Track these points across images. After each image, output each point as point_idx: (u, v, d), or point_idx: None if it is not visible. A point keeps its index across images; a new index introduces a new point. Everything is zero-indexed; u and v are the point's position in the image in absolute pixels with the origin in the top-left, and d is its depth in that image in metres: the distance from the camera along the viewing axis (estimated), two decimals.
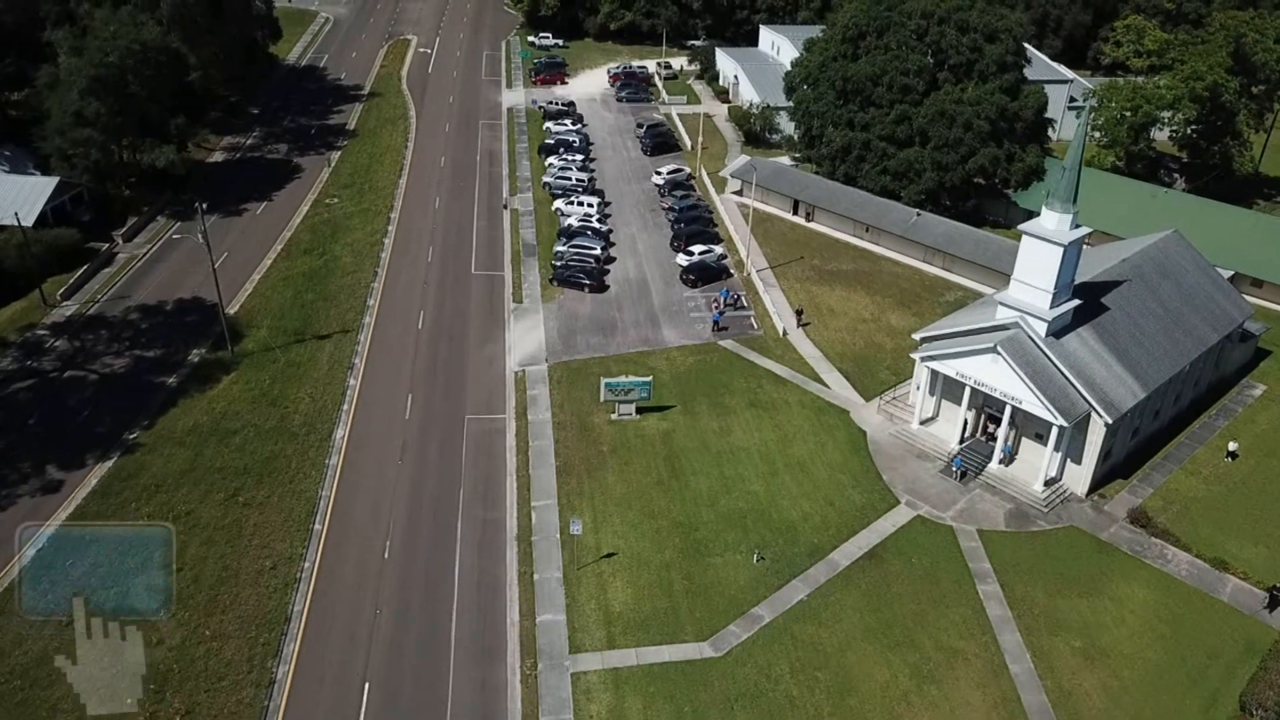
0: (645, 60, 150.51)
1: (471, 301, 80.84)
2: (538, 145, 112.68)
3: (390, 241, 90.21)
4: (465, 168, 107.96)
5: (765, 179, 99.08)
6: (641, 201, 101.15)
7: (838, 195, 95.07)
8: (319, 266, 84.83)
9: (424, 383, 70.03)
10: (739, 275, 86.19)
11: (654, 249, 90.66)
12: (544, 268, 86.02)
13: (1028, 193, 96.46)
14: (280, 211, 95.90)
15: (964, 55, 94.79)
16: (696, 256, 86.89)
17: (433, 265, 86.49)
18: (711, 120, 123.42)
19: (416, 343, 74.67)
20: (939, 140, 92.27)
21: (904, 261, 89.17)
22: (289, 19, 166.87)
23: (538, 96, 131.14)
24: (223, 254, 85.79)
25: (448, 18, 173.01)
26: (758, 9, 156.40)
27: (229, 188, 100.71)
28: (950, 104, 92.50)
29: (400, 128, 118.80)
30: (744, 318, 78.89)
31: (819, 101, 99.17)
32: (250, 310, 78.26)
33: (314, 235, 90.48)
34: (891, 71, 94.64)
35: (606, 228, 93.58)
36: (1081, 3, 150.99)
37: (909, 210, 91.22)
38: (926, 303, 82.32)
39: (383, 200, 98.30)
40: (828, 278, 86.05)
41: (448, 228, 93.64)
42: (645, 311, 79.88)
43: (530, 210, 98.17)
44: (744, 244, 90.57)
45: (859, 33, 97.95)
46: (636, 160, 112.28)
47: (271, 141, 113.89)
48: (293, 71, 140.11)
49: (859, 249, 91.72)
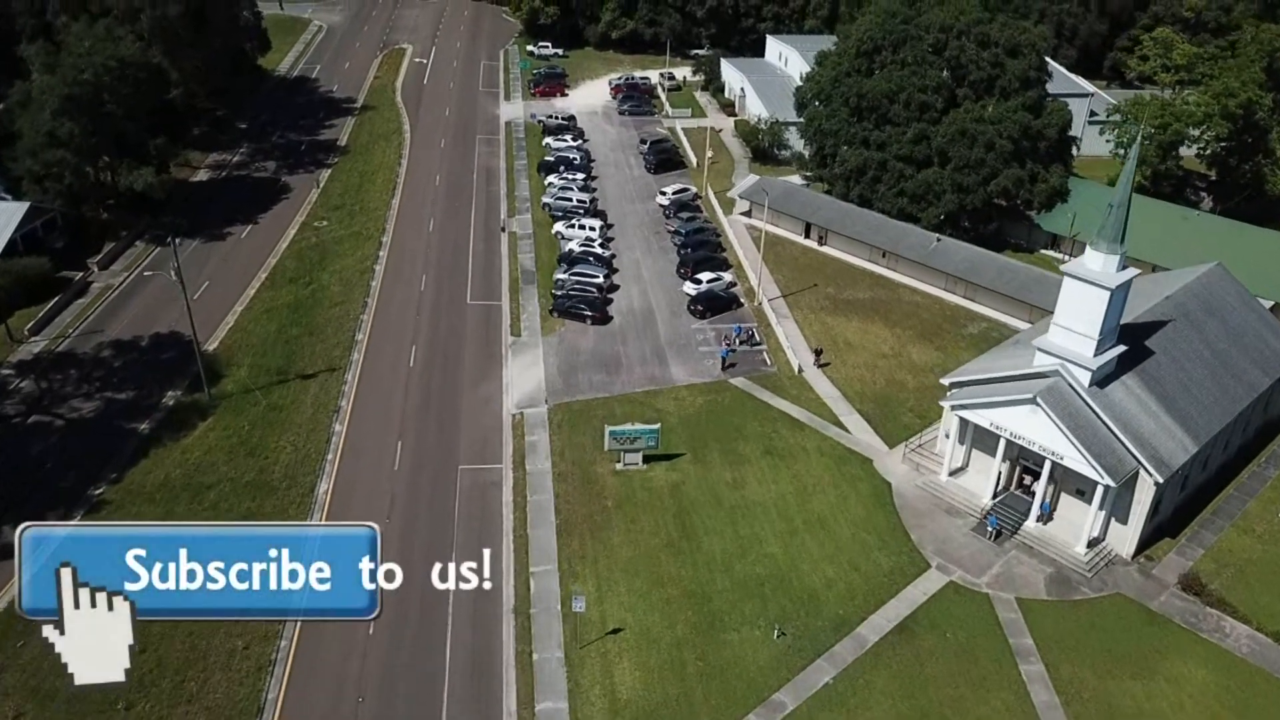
0: (648, 70, 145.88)
1: (467, 335, 76.12)
2: (537, 162, 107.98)
3: (381, 268, 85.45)
4: (461, 186, 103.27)
5: (776, 200, 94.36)
6: (645, 223, 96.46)
7: (853, 218, 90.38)
8: (305, 297, 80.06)
9: (415, 428, 65.27)
10: (749, 304, 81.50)
11: (659, 275, 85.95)
12: (544, 297, 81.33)
13: (1051, 215, 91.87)
14: (266, 235, 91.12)
15: (985, 71, 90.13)
16: (704, 285, 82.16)
17: (426, 294, 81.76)
18: (718, 135, 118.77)
19: (407, 382, 69.96)
20: (959, 161, 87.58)
21: (923, 289, 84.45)
22: (280, 27, 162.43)
23: (537, 109, 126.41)
24: (203, 284, 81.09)
25: (444, 25, 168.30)
26: (763, 17, 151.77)
27: (212, 210, 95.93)
28: (971, 122, 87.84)
29: (394, 143, 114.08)
30: (756, 353, 74.19)
31: (832, 119, 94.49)
32: (230, 346, 73.46)
33: (300, 262, 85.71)
34: (909, 88, 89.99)
35: (609, 252, 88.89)
36: (1098, 11, 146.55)
37: (928, 235, 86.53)
38: (949, 335, 77.63)
39: (374, 223, 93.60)
40: (844, 307, 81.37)
41: (442, 252, 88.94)
42: (651, 345, 75.18)
43: (529, 233, 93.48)
44: (755, 271, 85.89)
45: (874, 47, 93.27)
46: (640, 178, 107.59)
47: (259, 159, 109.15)
48: (283, 83, 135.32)
49: (876, 275, 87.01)
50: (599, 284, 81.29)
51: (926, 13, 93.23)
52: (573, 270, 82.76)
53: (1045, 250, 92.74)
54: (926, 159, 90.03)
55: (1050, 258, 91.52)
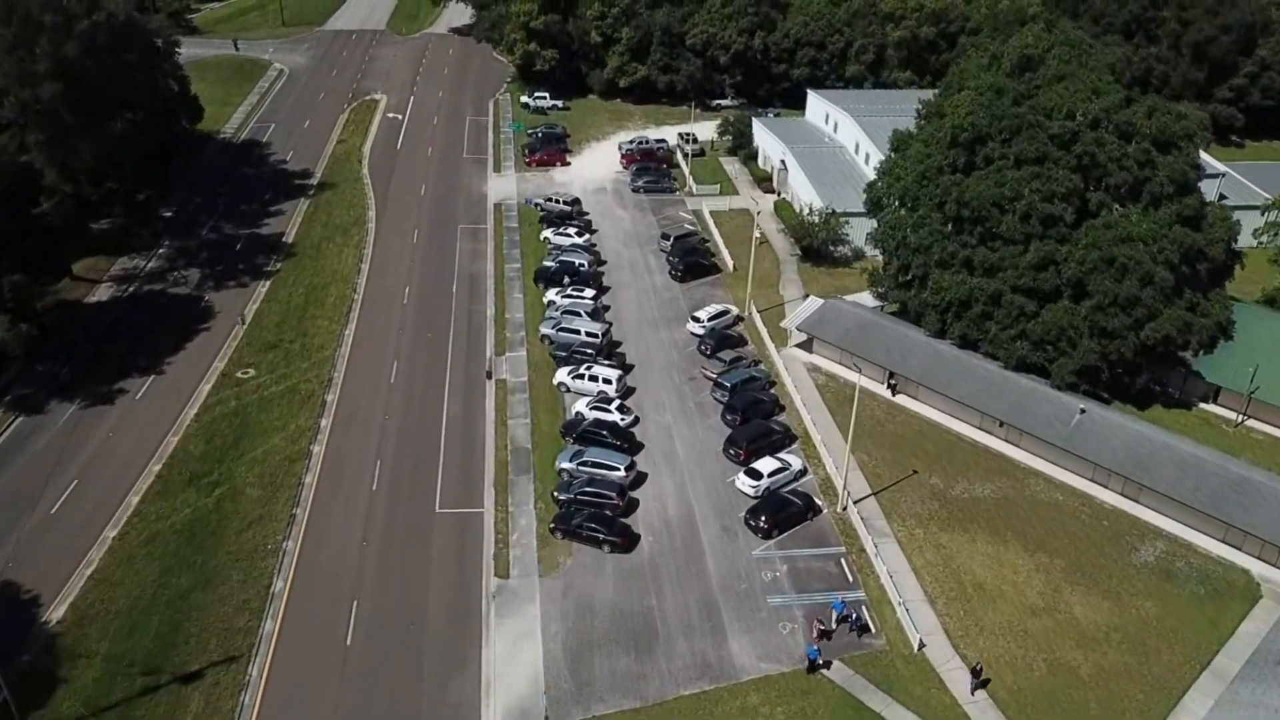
0: (663, 126, 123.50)
1: (432, 575, 53.24)
2: (534, 269, 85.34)
3: (320, 451, 62.53)
4: (437, 306, 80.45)
5: (847, 338, 71.84)
6: (674, 362, 73.72)
7: (955, 371, 67.67)
8: (206, 511, 56.92)
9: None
10: (830, 511, 58.83)
11: (700, 455, 63.24)
12: (543, 500, 58.60)
13: (1214, 359, 69.28)
14: (171, 393, 68.02)
15: (1130, 172, 67.68)
16: (766, 478, 59.46)
17: (378, 499, 58.90)
18: (754, 216, 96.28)
19: (340, 682, 47.08)
20: (1103, 297, 64.92)
21: (1063, 480, 61.73)
22: (235, 72, 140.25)
23: (533, 185, 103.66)
24: (66, 488, 58.21)
25: (425, 68, 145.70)
26: (797, 63, 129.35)
27: (109, 348, 72.97)
28: (1116, 243, 65.26)
29: (353, 239, 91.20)
30: (858, 614, 51.45)
31: (920, 230, 71.83)
32: (83, 618, 49.68)
33: (209, 444, 62.58)
34: (1029, 194, 67.47)
35: (631, 415, 66.20)
36: (1191, 55, 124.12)
37: (1066, 402, 63.80)
38: (1115, 567, 54.95)
39: (317, 370, 70.63)
40: (960, 514, 58.65)
41: (406, 421, 66.07)
42: (698, 594, 52.38)
43: (523, 381, 70.72)
44: (825, 443, 63.25)
45: (976, 136, 70.73)
46: (663, 288, 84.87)
47: (181, 264, 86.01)
48: (227, 150, 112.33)
49: (992, 454, 64.32)
50: (620, 482, 58.52)
51: (1044, 90, 70.72)
52: (583, 458, 59.99)
53: (1206, 404, 70.24)
54: (1054, 290, 67.39)
55: (1216, 418, 69.05)
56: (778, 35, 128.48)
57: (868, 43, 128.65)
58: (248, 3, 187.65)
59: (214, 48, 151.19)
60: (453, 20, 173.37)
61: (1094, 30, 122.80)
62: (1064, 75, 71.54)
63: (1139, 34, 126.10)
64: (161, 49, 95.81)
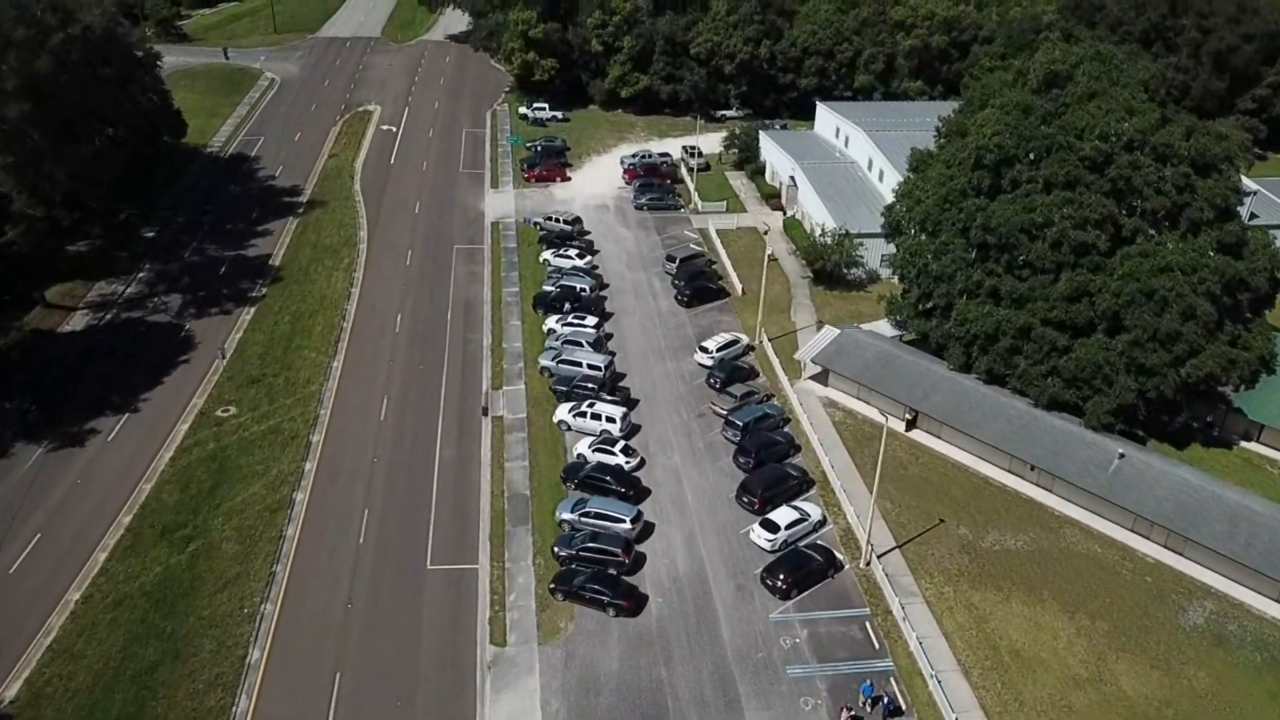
0: (666, 139, 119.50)
1: (422, 646, 48.86)
2: (533, 293, 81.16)
3: (303, 499, 58.30)
4: (430, 335, 76.22)
5: (866, 372, 67.68)
6: (681, 396, 69.56)
7: (982, 410, 63.44)
8: (178, 569, 52.58)
9: None
10: (852, 565, 54.62)
11: (711, 502, 59.01)
12: (542, 554, 54.38)
13: (1255, 394, 65.23)
14: (146, 434, 63.75)
15: (1168, 197, 63.57)
16: (783, 530, 55.27)
17: (365, 553, 54.60)
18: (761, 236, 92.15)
19: None
20: (1141, 332, 60.76)
21: (1099, 529, 57.56)
22: (224, 81, 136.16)
23: (532, 202, 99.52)
24: (29, 542, 53.98)
25: (421, 77, 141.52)
26: (804, 73, 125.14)
27: (82, 382, 68.73)
28: (1154, 274, 61.10)
29: (344, 262, 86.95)
30: (889, 697, 47.23)
31: (943, 257, 67.66)
32: (39, 696, 45.00)
33: (185, 492, 58.23)
34: (1060, 221, 63.30)
35: (637, 459, 62.02)
36: (1211, 65, 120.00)
37: (1103, 445, 59.58)
38: (1164, 630, 50.71)
39: (302, 408, 66.35)
40: (992, 570, 54.42)
41: (396, 465, 61.79)
42: (711, 664, 48.11)
43: (521, 419, 66.49)
44: (850, 496, 59.06)
45: (1002, 158, 66.57)
46: (669, 313, 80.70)
47: (162, 289, 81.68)
48: (214, 165, 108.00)
49: (1021, 499, 60.15)
50: (625, 536, 54.33)
51: (1074, 109, 66.53)
52: (585, 508, 55.75)
53: (1248, 443, 66.06)
54: (1088, 323, 63.23)
55: (1259, 458, 64.90)
56: (784, 44, 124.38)
57: (877, 52, 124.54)
58: (239, 9, 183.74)
59: (203, 56, 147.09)
60: (449, 27, 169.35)
61: (1111, 39, 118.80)
62: (1095, 93, 67.31)
63: (1157, 43, 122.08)
64: (142, 61, 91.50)
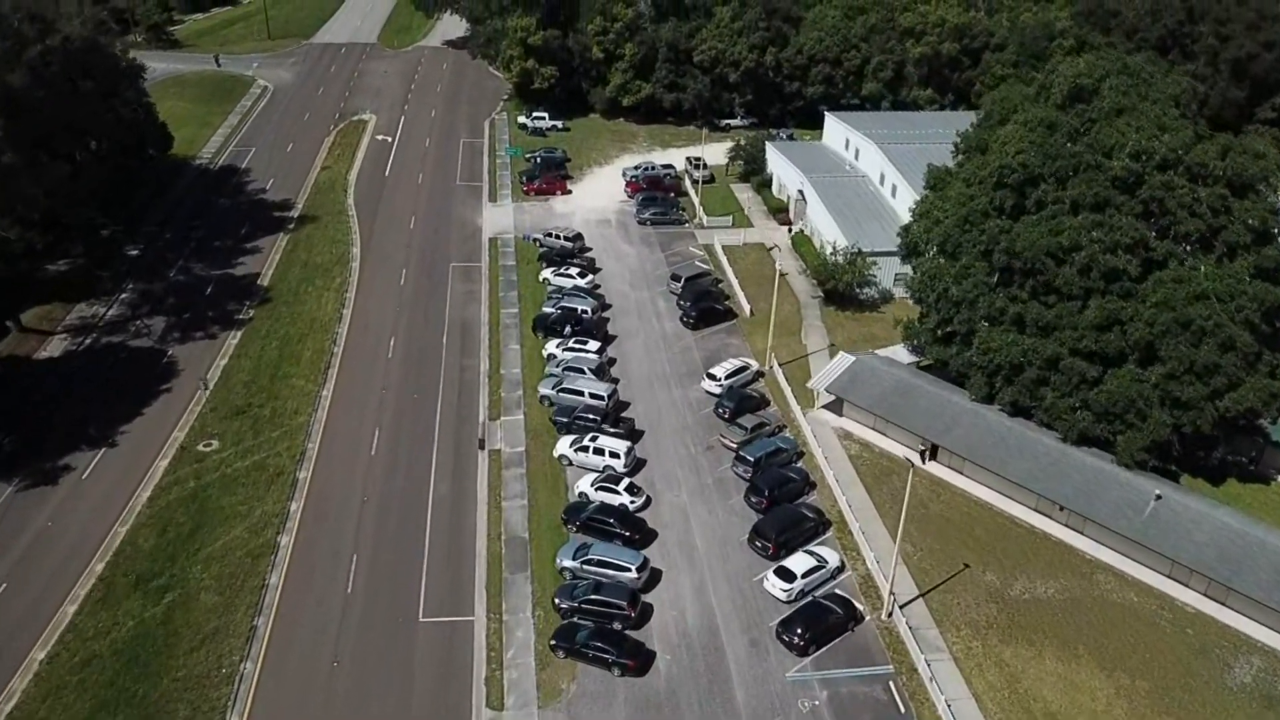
0: (669, 149, 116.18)
1: (413, 710, 45.16)
2: (532, 315, 77.76)
3: (289, 543, 54.80)
4: (425, 360, 72.79)
5: (882, 402, 64.27)
6: (689, 427, 66.14)
7: (1008, 446, 59.91)
8: (153, 624, 49.05)
9: None
10: (873, 617, 51.18)
11: (721, 544, 55.56)
12: (542, 605, 50.94)
13: None
14: (123, 469, 60.26)
15: (1203, 220, 60.17)
16: (800, 579, 51.82)
17: (353, 604, 51.01)
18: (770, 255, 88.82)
19: None
20: (1177, 364, 57.33)
21: (1134, 576, 54.14)
22: (215, 89, 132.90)
23: (531, 217, 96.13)
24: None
25: (418, 85, 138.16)
26: (811, 81, 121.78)
27: (58, 412, 65.34)
28: (1190, 302, 57.68)
29: (335, 281, 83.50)
30: None
31: (963, 281, 64.26)
32: None
33: (162, 536, 54.76)
34: (1089, 245, 59.88)
35: (643, 498, 58.58)
36: (1230, 73, 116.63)
37: (1138, 485, 56.11)
38: (1210, 691, 47.30)
39: (288, 442, 62.85)
40: (1022, 621, 50.95)
41: (386, 502, 58.32)
42: None
43: (519, 453, 63.03)
44: (869, 539, 55.61)
45: (1026, 177, 63.16)
46: (674, 337, 77.28)
47: (144, 311, 78.22)
48: (203, 177, 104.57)
49: (1050, 541, 56.71)
50: (631, 587, 50.91)
51: (1101, 126, 63.07)
52: (588, 555, 52.31)
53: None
54: (1119, 354, 59.80)
55: None
56: (790, 51, 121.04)
57: (886, 59, 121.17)
58: (233, 14, 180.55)
59: (195, 63, 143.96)
60: (447, 32, 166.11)
61: (1127, 46, 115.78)
62: (1122, 108, 63.92)
63: (1174, 50, 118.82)
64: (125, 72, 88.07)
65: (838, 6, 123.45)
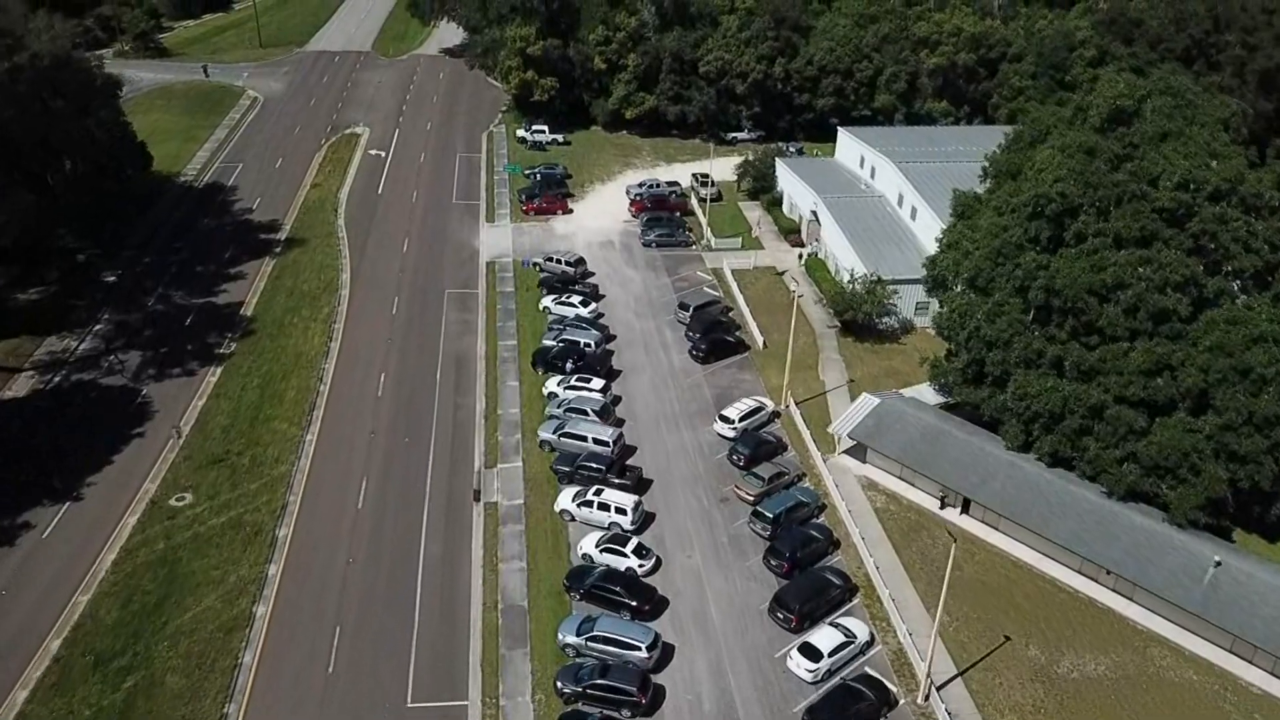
0: (674, 164, 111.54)
1: None
2: (532, 348, 73.08)
3: (265, 614, 50.08)
4: (417, 399, 68.06)
5: (910, 451, 59.56)
6: (700, 475, 61.40)
7: (1049, 503, 55.09)
8: (112, 711, 44.10)
9: None
10: (909, 701, 46.48)
11: (739, 615, 50.72)
12: (542, 687, 46.19)
13: None
14: (87, 527, 55.46)
15: (1260, 255, 55.54)
16: (827, 658, 47.07)
17: (335, 688, 46.25)
18: (784, 281, 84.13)
19: None
20: (1234, 415, 52.64)
21: (1193, 651, 49.47)
22: (203, 100, 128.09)
23: (530, 239, 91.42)
24: None
25: (413, 95, 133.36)
26: (821, 93, 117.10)
27: (20, 459, 60.54)
28: (1247, 345, 53.04)
29: (323, 311, 78.73)
30: None
31: (996, 320, 59.55)
32: None
33: (126, 608, 49.94)
34: (1136, 282, 55.22)
35: (652, 560, 53.87)
36: (1257, 84, 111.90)
37: (1195, 550, 51.37)
38: None
39: (268, 495, 58.11)
40: (1072, 704, 46.25)
41: (373, 564, 53.58)
42: None
43: (517, 506, 58.30)
44: (901, 608, 50.87)
45: (1065, 207, 58.48)
46: (683, 372, 72.56)
47: (119, 344, 73.39)
48: (188, 195, 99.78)
49: (1097, 609, 51.99)
50: (641, 668, 46.18)
51: (1145, 152, 58.41)
52: (593, 631, 47.57)
53: None
54: (1169, 401, 55.14)
55: None
56: (800, 62, 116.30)
57: (899, 70, 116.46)
58: (224, 20, 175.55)
59: (183, 73, 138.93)
60: (444, 40, 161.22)
61: (1150, 56, 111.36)
62: (1167, 132, 59.35)
63: (1199, 60, 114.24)
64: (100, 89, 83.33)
65: (849, 15, 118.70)
